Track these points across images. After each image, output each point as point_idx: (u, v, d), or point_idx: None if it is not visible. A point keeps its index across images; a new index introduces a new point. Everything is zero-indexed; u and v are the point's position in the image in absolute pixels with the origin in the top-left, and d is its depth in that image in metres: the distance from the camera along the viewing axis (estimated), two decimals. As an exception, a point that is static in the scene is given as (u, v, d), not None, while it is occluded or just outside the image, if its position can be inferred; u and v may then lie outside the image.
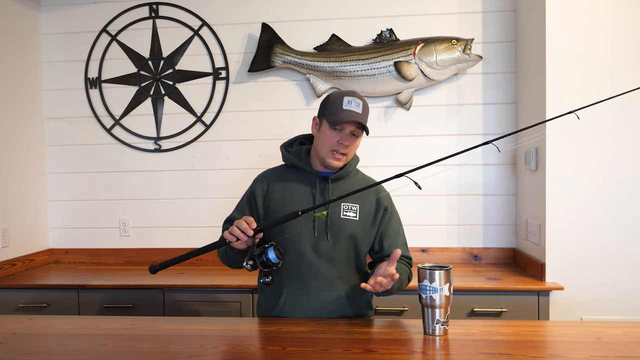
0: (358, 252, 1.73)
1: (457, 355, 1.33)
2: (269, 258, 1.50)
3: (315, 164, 1.74)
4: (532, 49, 2.50)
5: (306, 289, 1.68)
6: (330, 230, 1.68)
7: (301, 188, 1.73)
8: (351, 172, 1.77)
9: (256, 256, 1.51)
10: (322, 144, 1.69)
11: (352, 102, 1.64)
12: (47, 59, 3.06)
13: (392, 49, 2.73)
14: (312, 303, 1.68)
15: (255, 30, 2.90)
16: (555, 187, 2.32)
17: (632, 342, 1.41)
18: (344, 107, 1.64)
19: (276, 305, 1.71)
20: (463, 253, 2.82)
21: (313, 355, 1.34)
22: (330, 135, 1.66)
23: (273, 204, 1.73)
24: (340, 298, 1.69)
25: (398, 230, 1.79)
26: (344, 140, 1.66)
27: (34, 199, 2.99)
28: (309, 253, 1.68)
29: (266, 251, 1.51)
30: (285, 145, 1.83)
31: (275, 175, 1.79)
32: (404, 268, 1.74)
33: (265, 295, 1.76)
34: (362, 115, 1.66)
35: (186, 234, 2.99)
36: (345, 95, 1.66)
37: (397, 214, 1.81)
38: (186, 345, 1.44)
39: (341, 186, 1.73)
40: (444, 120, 2.82)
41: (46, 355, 1.40)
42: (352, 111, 1.63)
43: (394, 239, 1.76)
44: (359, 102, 1.66)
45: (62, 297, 2.52)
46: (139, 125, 3.01)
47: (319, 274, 1.68)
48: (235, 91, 2.95)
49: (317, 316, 1.67)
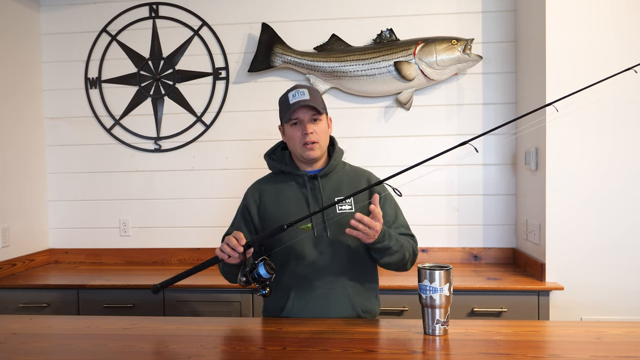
0: (360, 243, 1.71)
1: (457, 355, 1.33)
2: (260, 274, 1.53)
3: (301, 165, 1.77)
4: (532, 49, 2.50)
5: (313, 290, 1.68)
6: (329, 227, 1.68)
7: (292, 191, 1.74)
8: (337, 165, 1.78)
9: (248, 272, 1.54)
10: (292, 144, 1.72)
11: (296, 94, 1.69)
12: (47, 59, 3.06)
13: (392, 49, 2.73)
14: (320, 304, 1.67)
15: (255, 30, 2.90)
16: (555, 187, 2.32)
17: (632, 342, 1.41)
18: (291, 101, 1.68)
19: (284, 309, 1.70)
20: (463, 253, 2.82)
21: (313, 355, 1.34)
22: (293, 132, 1.70)
23: (268, 212, 1.74)
24: (348, 295, 1.68)
25: (395, 214, 1.77)
26: (306, 130, 1.68)
27: (34, 199, 2.99)
28: (311, 253, 1.68)
29: (257, 267, 1.53)
30: (269, 153, 1.85)
31: (265, 184, 1.81)
32: (405, 237, 1.70)
33: (271, 300, 1.75)
34: (311, 99, 1.68)
35: (186, 234, 2.99)
36: (289, 92, 1.71)
37: (391, 198, 1.78)
38: (186, 345, 1.44)
39: (330, 181, 1.74)
40: (444, 120, 2.82)
41: (46, 355, 1.40)
42: (298, 100, 1.67)
43: (392, 223, 1.74)
44: (304, 91, 1.69)
45: (62, 297, 2.52)
46: (139, 125, 3.00)
47: (323, 273, 1.68)
48: (235, 91, 2.95)
49: (325, 316, 1.66)
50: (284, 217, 1.64)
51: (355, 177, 1.78)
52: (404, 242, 1.67)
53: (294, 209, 1.69)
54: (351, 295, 1.69)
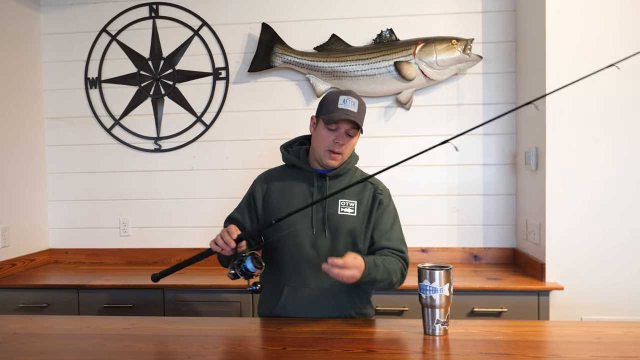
0: (357, 248, 1.72)
1: (457, 355, 1.33)
2: (247, 268, 1.55)
3: (314, 163, 1.76)
4: (532, 49, 2.50)
5: (306, 287, 1.69)
6: (329, 227, 1.69)
7: (299, 186, 1.74)
8: (349, 169, 1.78)
9: (236, 265, 1.56)
10: (318, 142, 1.71)
11: (347, 101, 1.65)
12: (47, 59, 3.06)
13: (392, 49, 2.72)
14: (313, 301, 1.68)
15: (255, 30, 2.89)
16: (555, 187, 2.32)
17: (632, 342, 1.41)
18: (339, 105, 1.65)
19: (277, 304, 1.71)
20: (463, 253, 2.82)
21: (313, 355, 1.34)
22: (326, 134, 1.68)
23: (272, 203, 1.75)
24: (341, 295, 1.69)
25: (392, 224, 1.76)
26: (339, 139, 1.67)
27: (34, 199, 2.99)
28: (308, 250, 1.69)
29: (244, 260, 1.55)
30: (286, 145, 1.85)
31: (275, 175, 1.82)
32: (392, 260, 1.67)
33: (265, 294, 1.77)
34: (358, 114, 1.66)
35: (186, 234, 2.99)
36: (341, 95, 1.67)
37: (392, 209, 1.79)
38: (186, 345, 1.44)
39: (338, 184, 1.74)
40: (444, 120, 2.82)
41: (46, 355, 1.40)
42: (347, 110, 1.64)
43: (385, 232, 1.73)
44: (355, 101, 1.66)
45: (62, 297, 2.52)
46: (139, 125, 3.00)
47: (318, 271, 1.68)
48: (235, 91, 2.95)
49: (318, 315, 1.67)
50: (286, 210, 1.65)
51: (363, 184, 1.76)
52: (391, 267, 1.64)
53: (297, 204, 1.69)
54: (344, 295, 1.70)
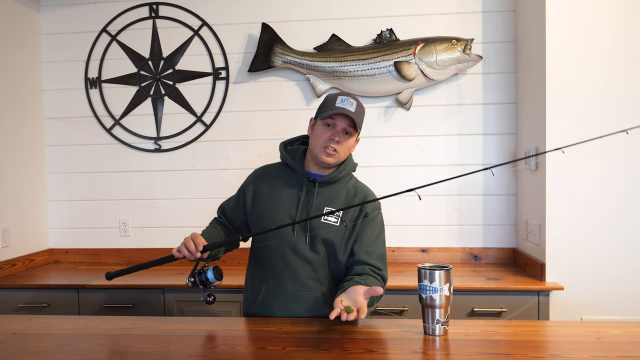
0: (336, 257, 1.71)
1: (457, 355, 1.33)
2: (207, 278, 1.60)
3: (309, 166, 1.76)
4: (532, 49, 2.50)
5: (282, 288, 1.70)
6: (309, 233, 1.69)
7: (288, 190, 1.74)
8: (342, 178, 1.76)
9: (197, 273, 1.61)
10: (315, 140, 1.71)
11: (345, 101, 1.67)
12: (47, 59, 3.06)
13: (392, 49, 2.72)
14: (288, 301, 1.70)
15: (255, 30, 2.89)
16: (555, 187, 2.32)
17: (632, 342, 1.41)
18: (337, 104, 1.67)
19: (255, 301, 1.74)
20: (463, 253, 2.82)
21: (313, 355, 1.34)
22: (322, 131, 1.68)
23: (260, 204, 1.76)
24: (317, 298, 1.70)
25: (376, 238, 1.72)
26: (335, 136, 1.67)
27: (34, 199, 2.99)
28: (287, 253, 1.70)
29: (206, 271, 1.60)
30: (286, 143, 1.85)
31: (269, 172, 1.82)
32: (371, 279, 1.63)
33: (247, 291, 1.81)
34: (355, 114, 1.66)
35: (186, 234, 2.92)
36: (340, 95, 1.69)
37: (379, 223, 1.76)
38: (186, 345, 1.44)
39: (328, 191, 1.73)
40: (444, 120, 2.82)
41: (46, 355, 1.40)
42: (344, 108, 1.65)
43: (366, 246, 1.70)
44: (353, 102, 1.68)
45: (62, 297, 2.52)
46: (139, 125, 3.00)
47: (295, 274, 1.70)
48: (235, 91, 2.94)
49: (294, 315, 1.69)
50: (273, 210, 1.70)
51: (353, 194, 1.75)
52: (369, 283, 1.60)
53: (284, 206, 1.71)
54: (320, 299, 1.70)
